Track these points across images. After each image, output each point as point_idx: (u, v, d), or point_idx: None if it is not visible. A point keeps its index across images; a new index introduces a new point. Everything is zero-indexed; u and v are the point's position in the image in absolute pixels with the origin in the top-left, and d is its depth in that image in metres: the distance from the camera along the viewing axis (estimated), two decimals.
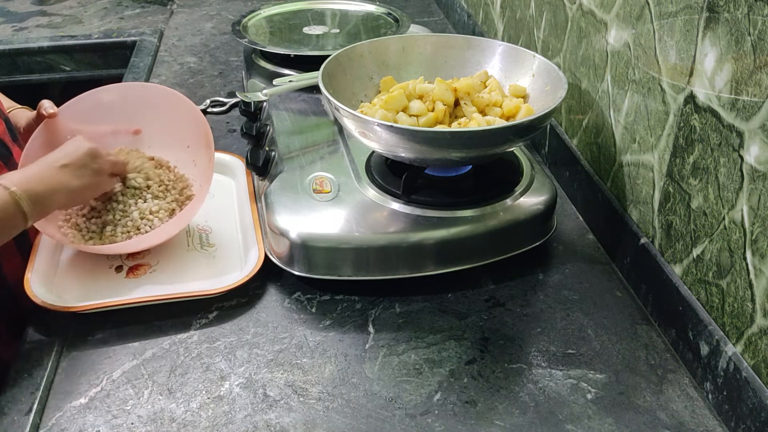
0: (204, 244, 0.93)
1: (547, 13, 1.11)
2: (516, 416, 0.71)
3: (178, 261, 0.91)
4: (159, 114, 0.99)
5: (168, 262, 0.91)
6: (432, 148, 0.83)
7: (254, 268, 0.86)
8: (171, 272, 0.89)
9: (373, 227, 0.86)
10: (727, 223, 0.70)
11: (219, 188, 1.04)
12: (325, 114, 1.09)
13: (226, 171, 1.08)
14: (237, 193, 1.03)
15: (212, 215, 0.99)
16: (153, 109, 0.99)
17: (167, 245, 0.93)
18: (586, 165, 1.00)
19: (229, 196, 1.03)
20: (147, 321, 0.83)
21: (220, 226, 0.97)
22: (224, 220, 0.98)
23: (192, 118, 0.95)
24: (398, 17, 1.33)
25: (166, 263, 0.90)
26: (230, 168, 1.08)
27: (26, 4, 1.85)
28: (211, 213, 0.99)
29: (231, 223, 0.97)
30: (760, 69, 0.63)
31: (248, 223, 0.94)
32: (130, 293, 0.85)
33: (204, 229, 0.96)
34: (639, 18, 0.83)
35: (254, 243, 0.90)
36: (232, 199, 1.03)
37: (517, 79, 0.98)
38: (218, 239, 0.95)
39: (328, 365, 0.77)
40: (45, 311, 0.81)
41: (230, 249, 0.93)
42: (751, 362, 0.67)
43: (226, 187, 1.05)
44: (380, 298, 0.86)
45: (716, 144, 0.70)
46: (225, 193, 1.04)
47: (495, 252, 0.89)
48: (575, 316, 0.84)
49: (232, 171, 1.07)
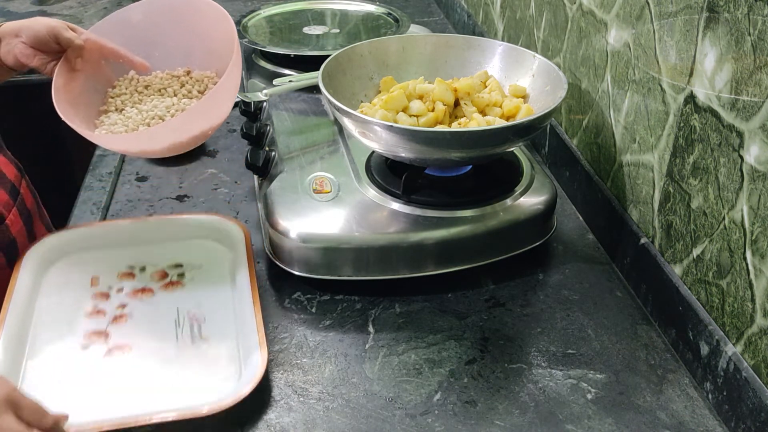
0: (195, 337, 0.78)
1: (547, 13, 1.11)
2: (516, 416, 0.71)
3: (164, 357, 0.76)
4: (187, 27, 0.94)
5: (152, 357, 0.76)
6: (432, 148, 0.83)
7: (255, 377, 0.71)
8: (152, 370, 0.75)
9: (373, 227, 0.86)
10: (727, 223, 0.70)
11: (213, 260, 0.89)
12: (325, 114, 1.09)
13: (223, 239, 0.91)
14: (235, 271, 0.86)
15: (206, 298, 0.83)
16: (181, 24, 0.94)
17: (154, 332, 0.79)
18: (586, 165, 1.00)
19: (224, 276, 0.87)
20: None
21: (215, 314, 0.81)
22: (220, 305, 0.82)
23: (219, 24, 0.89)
24: (398, 17, 1.33)
25: (149, 355, 0.76)
26: (228, 236, 0.91)
27: (26, 4, 1.85)
28: (205, 295, 0.84)
29: (227, 310, 0.82)
30: (760, 69, 0.63)
31: (248, 314, 0.78)
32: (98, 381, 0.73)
33: (196, 316, 0.81)
34: (639, 18, 0.83)
35: (256, 346, 0.74)
36: (228, 278, 0.86)
37: (517, 79, 0.98)
38: (212, 331, 0.79)
39: (328, 365, 0.77)
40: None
41: (227, 347, 0.77)
42: (751, 362, 0.67)
43: (222, 261, 0.89)
44: (380, 298, 0.86)
45: (716, 144, 0.70)
46: (220, 268, 0.88)
47: (495, 252, 0.89)
48: (575, 316, 0.84)
49: (230, 240, 0.90)
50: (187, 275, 0.87)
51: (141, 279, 0.87)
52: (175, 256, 0.90)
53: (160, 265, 0.89)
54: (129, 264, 0.89)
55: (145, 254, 0.90)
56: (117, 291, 0.85)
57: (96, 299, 0.84)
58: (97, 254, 0.90)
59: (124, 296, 0.84)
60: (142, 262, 0.89)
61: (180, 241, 0.92)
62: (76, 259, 0.89)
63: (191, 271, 0.88)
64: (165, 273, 0.87)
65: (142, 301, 0.83)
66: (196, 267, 0.88)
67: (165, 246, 0.91)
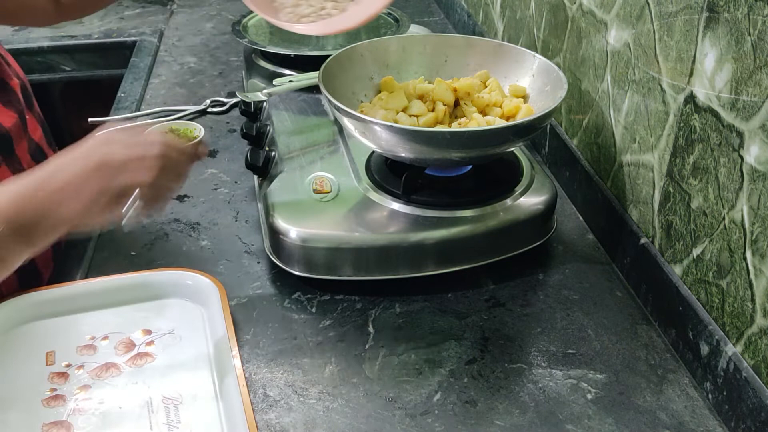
0: (173, 425, 0.66)
1: (547, 13, 1.11)
2: (516, 416, 0.71)
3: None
4: None
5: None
6: (432, 148, 0.83)
7: None
8: None
9: (373, 227, 0.86)
10: (727, 223, 0.70)
11: (187, 326, 0.78)
12: (325, 114, 1.09)
13: (195, 298, 0.80)
14: (212, 335, 0.76)
15: (181, 372, 0.72)
16: None
17: (122, 423, 0.67)
18: (586, 165, 1.00)
19: (200, 342, 0.76)
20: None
21: (192, 390, 0.70)
22: (198, 381, 0.71)
23: None
24: (398, 17, 1.33)
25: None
26: (200, 293, 0.80)
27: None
28: (180, 369, 0.73)
29: (207, 385, 0.71)
30: (760, 69, 0.63)
31: (232, 388, 0.68)
32: None
33: (171, 398, 0.69)
34: (639, 18, 0.83)
35: (243, 424, 0.65)
36: (205, 344, 0.76)
37: (517, 79, 0.98)
38: (192, 413, 0.68)
39: (328, 365, 0.77)
40: None
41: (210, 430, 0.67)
42: (751, 362, 0.67)
43: (197, 324, 0.78)
44: (380, 298, 0.86)
45: (716, 144, 0.70)
46: (195, 333, 0.77)
47: (495, 252, 0.89)
48: (575, 316, 0.84)
49: (203, 297, 0.80)
50: (157, 344, 0.76)
51: (103, 352, 0.75)
52: (142, 321, 0.78)
53: (125, 333, 0.77)
54: (89, 334, 0.77)
55: (107, 320, 0.79)
56: (77, 368, 0.73)
57: (53, 380, 0.72)
58: (50, 323, 0.78)
59: (86, 375, 0.72)
60: (104, 330, 0.78)
61: (146, 302, 0.81)
62: (27, 330, 0.77)
63: (162, 338, 0.77)
64: (132, 343, 0.76)
65: (106, 382, 0.71)
66: (167, 333, 0.77)
67: (129, 309, 0.80)
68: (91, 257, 0.92)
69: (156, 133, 0.73)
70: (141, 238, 0.96)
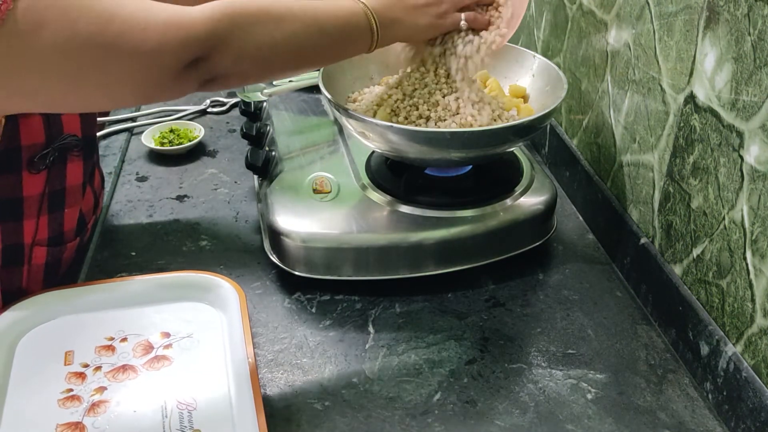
0: (185, 429, 0.67)
1: (547, 13, 1.11)
2: (516, 416, 0.71)
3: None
4: None
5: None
6: (432, 148, 0.83)
7: None
8: None
9: (373, 227, 0.86)
10: (727, 223, 0.70)
11: (206, 330, 0.77)
12: (325, 114, 1.09)
13: (215, 302, 0.80)
14: (229, 341, 0.75)
15: (197, 377, 0.72)
16: None
17: (135, 426, 0.67)
18: (586, 165, 1.00)
19: (217, 348, 0.75)
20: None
21: (207, 396, 0.70)
22: (213, 387, 0.71)
23: None
24: None
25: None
26: (221, 298, 0.80)
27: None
28: (195, 373, 0.72)
29: (222, 389, 0.70)
30: (760, 69, 0.63)
31: (246, 396, 0.68)
32: None
33: (185, 403, 0.69)
34: (639, 18, 0.83)
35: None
36: (222, 351, 0.75)
37: (517, 79, 0.98)
38: (205, 421, 0.67)
39: (328, 365, 0.77)
40: None
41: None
42: (751, 362, 0.67)
43: (215, 329, 0.77)
44: (380, 298, 0.86)
45: (716, 144, 0.70)
46: (213, 338, 0.76)
47: (495, 252, 0.89)
48: (575, 316, 0.84)
49: (222, 302, 0.80)
50: (174, 347, 0.75)
51: (121, 354, 0.75)
52: (161, 324, 0.78)
53: (144, 335, 0.77)
54: (108, 334, 0.77)
55: (127, 321, 0.78)
56: (94, 370, 0.73)
57: (70, 381, 0.72)
58: (71, 321, 0.78)
59: (102, 377, 0.72)
60: (123, 331, 0.77)
61: (166, 303, 0.80)
62: (49, 327, 0.77)
63: (180, 341, 0.76)
64: (150, 346, 0.76)
65: (122, 385, 0.71)
66: (186, 336, 0.77)
67: (150, 311, 0.80)
68: (92, 257, 0.92)
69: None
70: (141, 238, 0.96)
